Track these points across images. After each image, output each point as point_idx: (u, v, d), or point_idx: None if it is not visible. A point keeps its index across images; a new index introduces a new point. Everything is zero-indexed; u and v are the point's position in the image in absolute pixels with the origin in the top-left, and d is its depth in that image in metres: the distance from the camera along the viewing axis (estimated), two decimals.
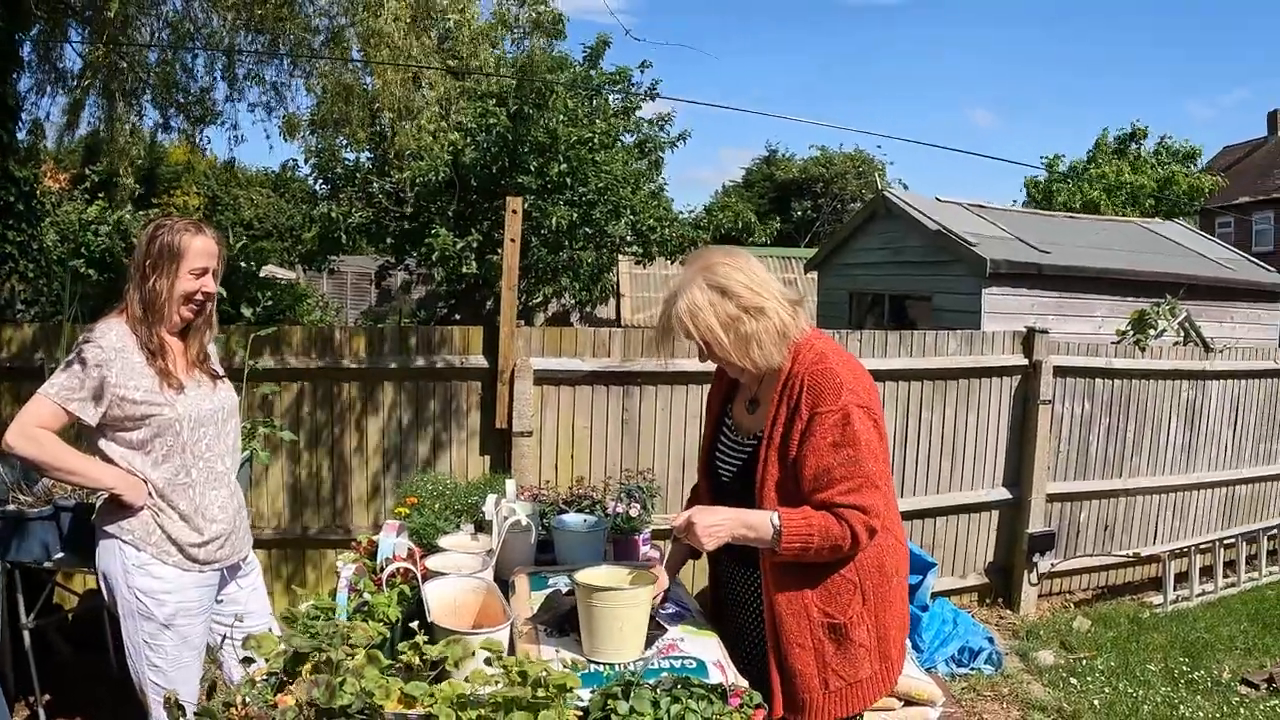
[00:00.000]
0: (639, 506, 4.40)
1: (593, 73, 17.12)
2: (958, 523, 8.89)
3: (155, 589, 3.99)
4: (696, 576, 4.98)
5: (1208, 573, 9.97)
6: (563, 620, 3.33)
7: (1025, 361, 8.85)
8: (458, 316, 18.39)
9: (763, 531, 3.23)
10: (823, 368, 3.25)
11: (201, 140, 13.13)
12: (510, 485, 4.42)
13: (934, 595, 8.07)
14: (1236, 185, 44.63)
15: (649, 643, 3.22)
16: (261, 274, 11.60)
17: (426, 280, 19.46)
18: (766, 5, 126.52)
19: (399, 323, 23.28)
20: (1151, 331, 10.20)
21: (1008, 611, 9.06)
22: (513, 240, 7.26)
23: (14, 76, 9.72)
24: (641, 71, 17.64)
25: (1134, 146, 34.41)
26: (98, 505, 4.13)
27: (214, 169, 42.29)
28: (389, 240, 17.25)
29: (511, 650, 3.15)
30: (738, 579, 3.60)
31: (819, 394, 3.21)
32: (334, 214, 16.92)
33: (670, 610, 3.55)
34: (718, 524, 3.24)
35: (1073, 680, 7.45)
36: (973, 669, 7.57)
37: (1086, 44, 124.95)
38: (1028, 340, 8.87)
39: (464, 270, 15.33)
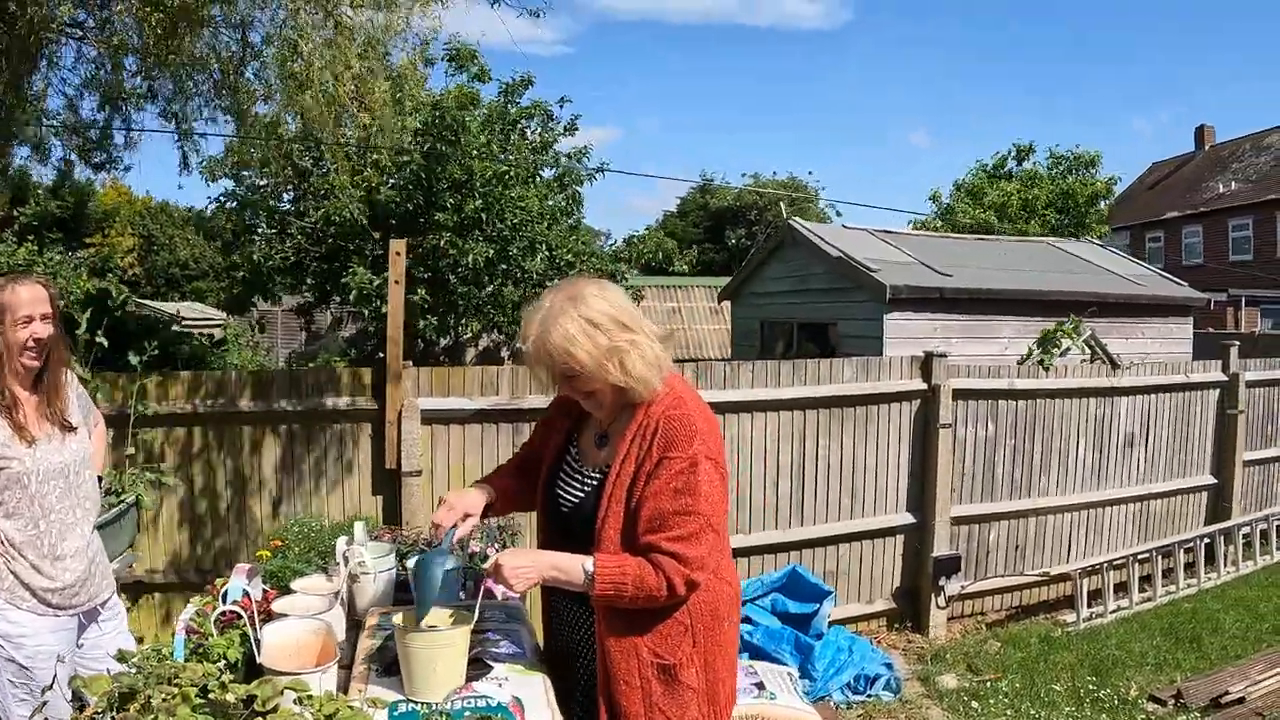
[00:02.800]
0: (498, 547, 4.42)
1: (510, 108, 17.15)
2: (861, 549, 8.93)
3: (13, 633, 4.10)
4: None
5: (1123, 589, 9.99)
6: (393, 660, 3.34)
7: (924, 386, 8.91)
8: (382, 354, 18.38)
9: (574, 576, 3.26)
10: (680, 413, 3.27)
11: (124, 179, 13.10)
12: (359, 527, 4.42)
13: (836, 623, 8.10)
14: (1166, 200, 45.28)
15: (470, 681, 3.23)
16: (191, 316, 11.63)
17: (356, 318, 19.45)
18: (698, 32, 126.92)
19: (326, 362, 23.23)
20: (1056, 351, 10.28)
21: (917, 635, 9.07)
22: (396, 282, 7.28)
23: None
24: (561, 106, 17.71)
25: (1019, 166, 34.80)
26: None
27: (149, 209, 42.19)
28: (310, 280, 17.22)
29: (347, 690, 3.20)
30: (571, 616, 3.58)
31: (671, 439, 3.23)
32: (256, 256, 16.89)
33: (504, 650, 3.55)
34: (525, 566, 3.29)
35: (974, 704, 7.44)
36: (870, 696, 7.56)
37: (1026, 61, 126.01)
38: (926, 365, 8.94)
39: (384, 310, 15.32)
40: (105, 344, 6.56)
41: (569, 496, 3.55)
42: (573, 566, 3.26)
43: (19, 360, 4.14)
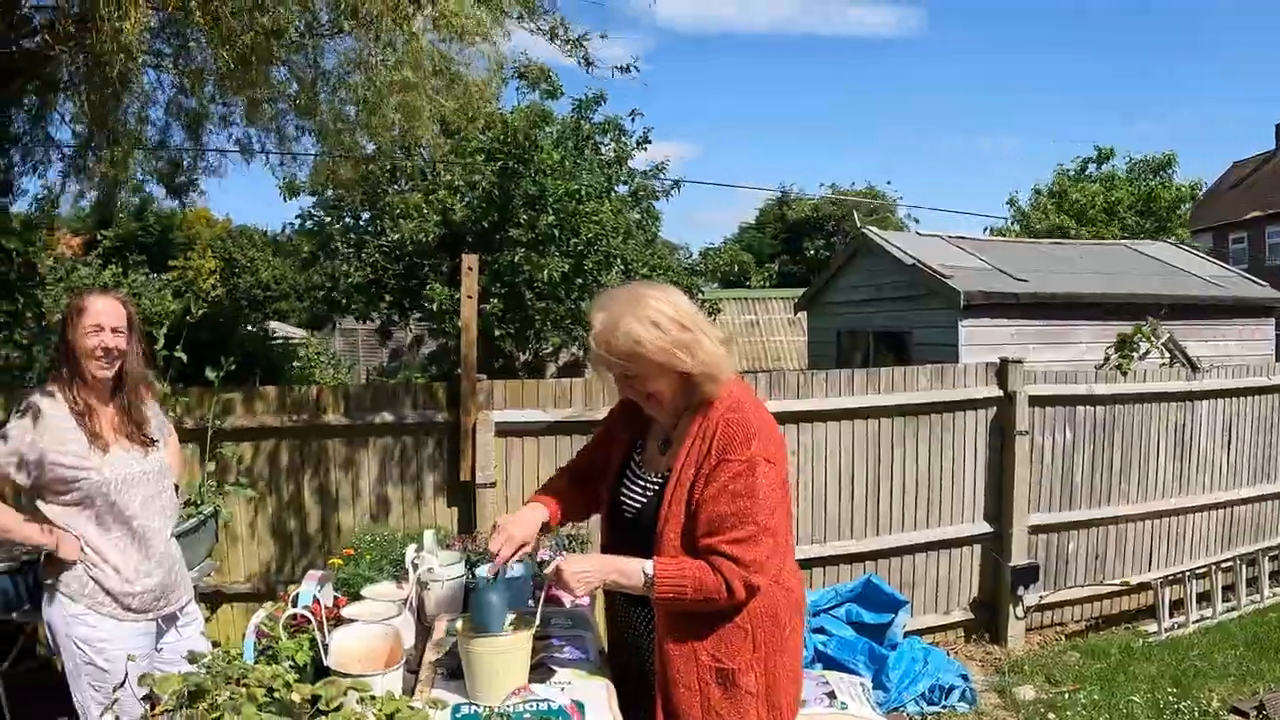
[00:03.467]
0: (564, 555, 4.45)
1: (582, 124, 17.19)
2: (938, 559, 8.86)
3: (93, 637, 4.22)
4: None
5: (1206, 598, 9.84)
6: (458, 665, 3.38)
7: (1000, 393, 8.83)
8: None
9: (634, 579, 3.28)
10: (739, 416, 3.28)
11: (201, 202, 13.36)
12: (428, 535, 4.48)
13: (912, 633, 8.05)
14: (1248, 200, 44.59)
15: (530, 683, 3.27)
16: (274, 334, 11.82)
17: (435, 334, 19.57)
18: (767, 44, 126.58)
19: (407, 378, 23.40)
20: (1134, 355, 10.18)
21: (994, 646, 8.98)
22: (469, 297, 7.35)
23: (6, 152, 9.94)
24: (632, 119, 17.74)
25: (1099, 169, 34.41)
26: (40, 560, 4.33)
27: (229, 232, 42.77)
28: (388, 298, 17.35)
29: (414, 693, 3.27)
30: (632, 618, 3.62)
31: (729, 441, 3.24)
32: (335, 274, 17.06)
33: (568, 655, 3.58)
34: (586, 571, 3.33)
35: (1051, 715, 7.36)
36: (945, 707, 7.50)
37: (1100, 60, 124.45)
38: (1001, 371, 8.86)
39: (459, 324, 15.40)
40: (185, 359, 6.70)
41: (632, 501, 3.58)
42: (633, 570, 3.29)
43: (90, 367, 4.24)
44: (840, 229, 53.94)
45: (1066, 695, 7.74)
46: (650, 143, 17.84)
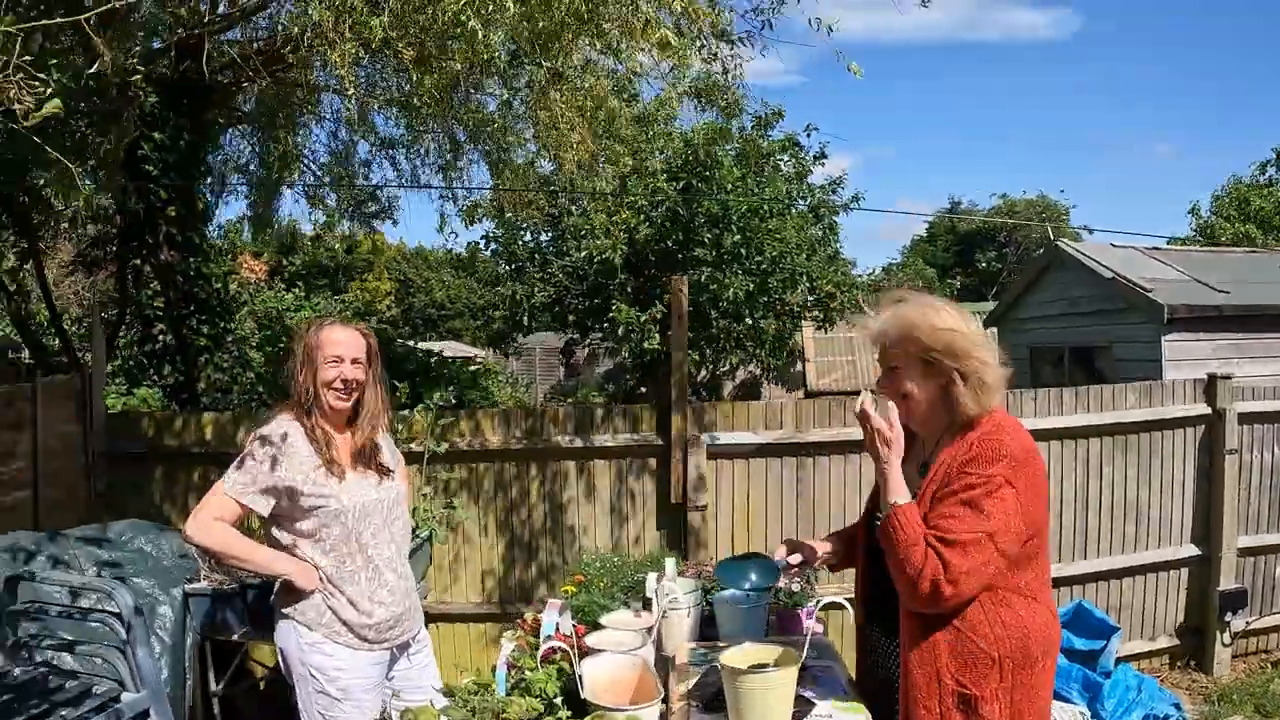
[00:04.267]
0: (802, 581, 4.45)
1: (762, 141, 17.18)
2: (1144, 583, 8.63)
3: (328, 666, 4.24)
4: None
5: None
6: (713, 698, 3.40)
7: (1208, 410, 8.56)
8: (643, 389, 18.56)
9: (890, 491, 3.34)
10: (994, 438, 3.26)
11: (382, 228, 13.75)
12: (670, 563, 4.51)
13: (1119, 660, 7.88)
14: None
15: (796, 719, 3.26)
16: (449, 353, 12.09)
17: (612, 353, 19.69)
18: (920, 52, 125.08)
19: (585, 397, 23.58)
20: None
21: (1200, 674, 8.69)
22: (679, 318, 7.41)
23: (202, 183, 10.33)
24: (808, 134, 17.72)
25: None
26: (275, 587, 4.38)
27: (403, 254, 43.57)
28: (571, 318, 17.50)
29: None
30: (883, 650, 3.61)
31: (974, 458, 3.22)
32: (518, 295, 17.25)
33: (821, 686, 3.57)
34: (888, 428, 3.40)
35: None
36: None
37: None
38: (1210, 388, 8.60)
39: (646, 345, 15.47)
40: (396, 384, 6.87)
41: None
42: (896, 485, 3.33)
43: (328, 398, 4.30)
44: (1013, 240, 53.05)
45: None
46: (827, 157, 17.82)
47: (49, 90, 3.04)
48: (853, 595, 3.78)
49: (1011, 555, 3.22)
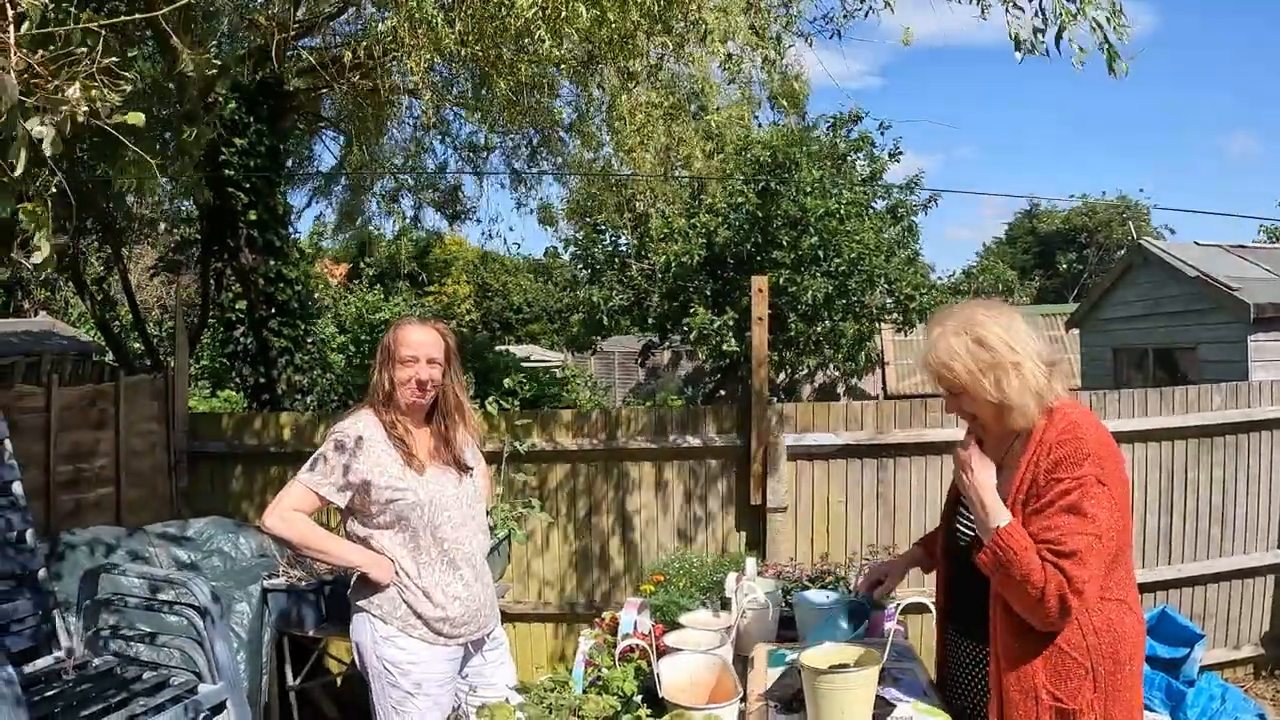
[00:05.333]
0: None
1: (839, 143, 17.14)
2: (1229, 590, 8.41)
3: (401, 659, 4.25)
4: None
5: None
6: (792, 698, 3.36)
7: None
8: (722, 392, 18.56)
9: (990, 516, 3.24)
10: (1072, 436, 3.19)
11: (460, 232, 13.90)
12: (750, 563, 4.48)
13: (1202, 669, 7.73)
14: None
15: None
16: (529, 356, 12.19)
17: (692, 356, 19.70)
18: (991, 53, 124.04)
19: (664, 400, 23.60)
20: None
21: None
22: (760, 319, 7.37)
23: (282, 186, 10.46)
24: (882, 132, 17.65)
25: None
26: (352, 581, 4.42)
27: (480, 258, 43.81)
28: (650, 320, 17.53)
29: None
30: (963, 652, 3.54)
31: (1059, 462, 3.15)
32: (595, 298, 17.30)
33: (901, 688, 3.52)
34: (977, 468, 3.34)
35: None
36: None
37: None
38: None
39: (724, 348, 15.46)
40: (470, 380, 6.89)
41: (966, 530, 3.51)
42: (995, 511, 3.23)
43: (405, 396, 4.32)
44: (1093, 241, 52.45)
45: None
46: (902, 153, 17.75)
47: (129, 89, 3.05)
48: (933, 597, 3.72)
49: (1115, 554, 3.17)
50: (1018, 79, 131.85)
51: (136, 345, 14.21)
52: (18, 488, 5.16)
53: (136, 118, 3.04)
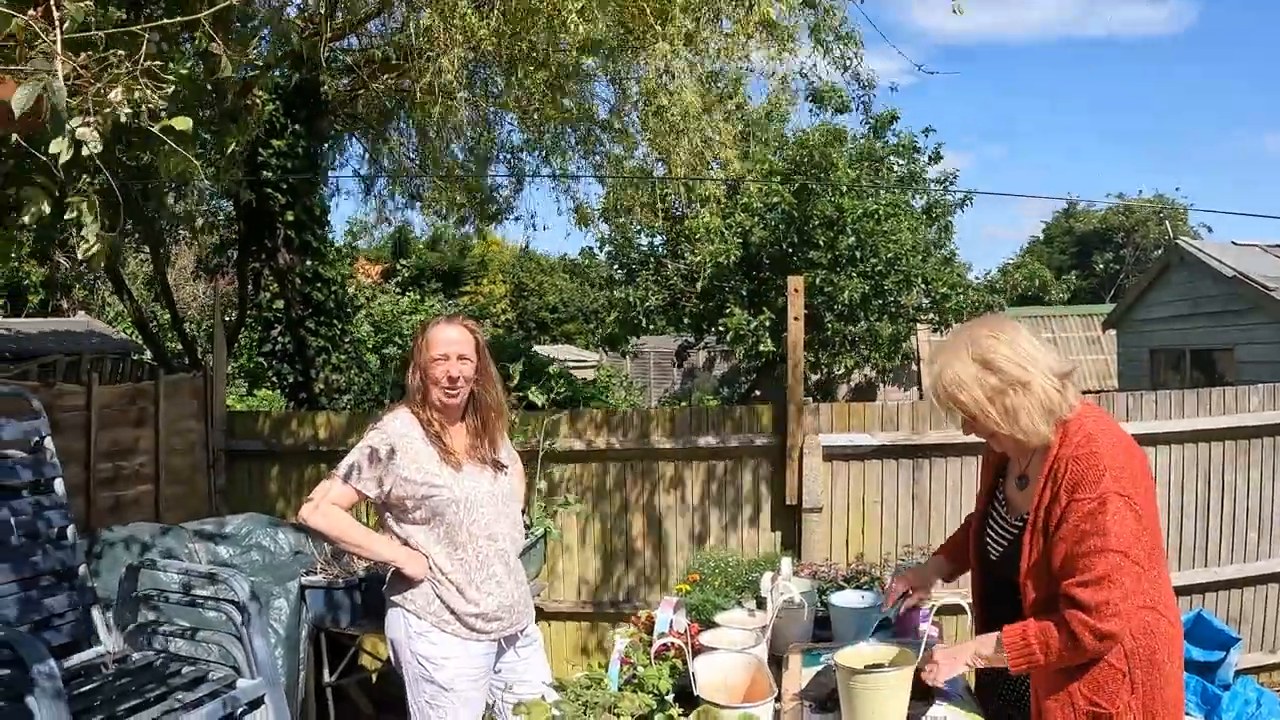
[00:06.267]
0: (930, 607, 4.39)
1: (878, 144, 17.12)
2: (1267, 593, 8.33)
3: (435, 655, 4.29)
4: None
5: None
6: (826, 698, 3.36)
7: None
8: (758, 392, 18.54)
9: (989, 649, 3.24)
10: (1087, 451, 3.16)
11: (497, 232, 13.96)
12: (786, 563, 4.48)
13: (1238, 673, 7.68)
14: None
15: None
16: (565, 357, 12.22)
17: (728, 356, 19.69)
18: (1029, 52, 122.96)
19: (700, 400, 23.59)
20: None
21: None
22: (796, 319, 7.37)
23: (319, 187, 10.54)
24: (925, 136, 17.60)
25: None
26: (387, 577, 4.46)
27: (517, 258, 43.91)
28: (685, 320, 17.53)
29: None
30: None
31: (1078, 481, 3.13)
32: (631, 298, 17.30)
33: (946, 686, 3.52)
34: (952, 658, 3.33)
35: None
36: None
37: None
38: None
39: (760, 348, 15.45)
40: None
41: (995, 545, 3.52)
42: (989, 642, 3.23)
43: (436, 394, 4.36)
44: (1131, 240, 52.12)
45: None
46: (942, 157, 17.73)
47: (171, 90, 3.08)
48: (969, 598, 3.72)
49: (1144, 563, 3.14)
50: (1051, 78, 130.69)
51: (174, 344, 14.32)
52: (59, 485, 5.20)
53: (184, 122, 3.07)
